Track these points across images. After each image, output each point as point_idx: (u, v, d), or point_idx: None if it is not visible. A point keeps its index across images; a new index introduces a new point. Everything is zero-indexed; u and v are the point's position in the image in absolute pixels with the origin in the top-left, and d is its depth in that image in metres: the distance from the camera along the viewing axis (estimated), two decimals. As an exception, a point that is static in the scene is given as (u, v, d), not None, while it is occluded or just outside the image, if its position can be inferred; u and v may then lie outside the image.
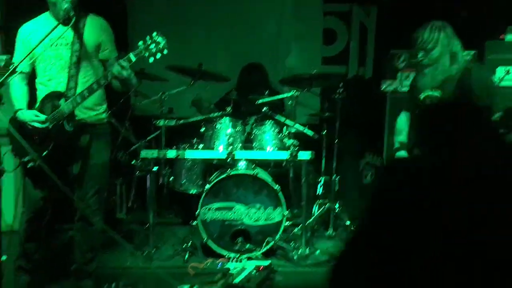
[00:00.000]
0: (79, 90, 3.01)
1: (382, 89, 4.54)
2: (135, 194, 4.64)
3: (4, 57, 4.40)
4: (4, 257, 3.37)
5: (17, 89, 3.08)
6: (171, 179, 4.54)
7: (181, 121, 4.25)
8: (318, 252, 4.10)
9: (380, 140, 4.64)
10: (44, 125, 2.94)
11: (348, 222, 4.61)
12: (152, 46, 2.89)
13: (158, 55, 2.92)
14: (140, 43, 2.92)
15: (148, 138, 4.32)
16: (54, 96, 2.99)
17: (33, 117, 2.96)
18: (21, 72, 3.06)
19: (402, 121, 3.37)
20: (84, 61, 3.04)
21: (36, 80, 3.11)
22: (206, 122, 4.30)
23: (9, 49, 4.50)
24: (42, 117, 2.95)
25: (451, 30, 3.01)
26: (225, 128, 4.14)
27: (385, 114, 4.56)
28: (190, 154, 4.06)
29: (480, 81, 2.93)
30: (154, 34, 2.91)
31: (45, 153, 2.92)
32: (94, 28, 3.09)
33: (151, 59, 2.93)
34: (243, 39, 5.68)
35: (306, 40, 5.78)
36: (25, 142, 2.72)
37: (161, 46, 2.91)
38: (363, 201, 5.95)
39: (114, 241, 4.11)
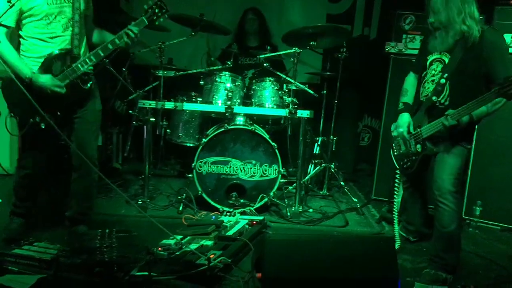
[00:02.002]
0: (82, 48, 3.04)
1: (386, 50, 4.44)
2: (132, 144, 4.62)
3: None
4: (-1, 200, 3.42)
5: (12, 50, 2.89)
6: (168, 131, 4.52)
7: (180, 73, 4.19)
8: (311, 210, 4.15)
9: (380, 103, 4.60)
10: (63, 91, 2.94)
11: (342, 183, 4.64)
12: (157, 10, 3.00)
13: (162, 19, 3.06)
14: (145, 6, 3.01)
15: (147, 88, 4.25)
16: (62, 55, 2.96)
17: (52, 82, 2.90)
18: (7, 27, 2.88)
19: (410, 82, 3.31)
20: (81, 18, 3.04)
21: (27, 35, 2.94)
22: (205, 75, 4.24)
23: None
24: (60, 83, 2.93)
25: None
26: (225, 82, 4.08)
27: (388, 76, 4.48)
28: (189, 106, 4.02)
29: (491, 44, 2.83)
30: None
31: (59, 113, 2.97)
32: None
33: (157, 22, 3.06)
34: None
35: (311, -4, 5.64)
36: (36, 105, 2.59)
37: (164, 10, 3.03)
38: (358, 163, 6.01)
39: (109, 189, 4.18)
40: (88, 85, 3.05)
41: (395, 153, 3.31)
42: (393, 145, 3.32)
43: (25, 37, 2.96)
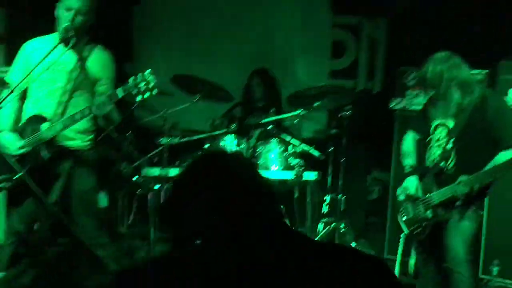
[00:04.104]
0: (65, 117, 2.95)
1: (390, 107, 4.43)
2: (137, 210, 4.57)
3: (6, 68, 4.36)
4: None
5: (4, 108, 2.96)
6: (174, 194, 4.46)
7: (185, 139, 4.18)
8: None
9: (387, 157, 4.54)
10: (18, 152, 2.87)
11: (353, 244, 4.51)
12: (142, 84, 2.76)
13: (147, 94, 2.78)
14: (131, 79, 2.78)
15: (150, 154, 4.24)
16: (37, 120, 2.92)
17: (9, 142, 2.90)
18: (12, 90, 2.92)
19: (409, 142, 3.29)
20: (79, 90, 2.97)
21: (26, 99, 3.04)
22: (210, 138, 4.22)
23: (11, 62, 4.47)
24: (18, 144, 2.88)
25: (456, 60, 2.86)
26: (230, 145, 4.06)
27: (393, 131, 4.45)
28: (193, 172, 3.97)
29: (495, 109, 2.82)
30: (147, 72, 2.78)
31: (16, 176, 2.81)
32: (98, 62, 3.03)
33: (139, 97, 2.80)
34: (249, 51, 5.56)
35: (314, 52, 5.67)
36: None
37: (150, 86, 2.76)
38: (368, 216, 5.88)
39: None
40: (46, 155, 2.86)
41: (404, 218, 3.22)
42: (401, 209, 3.24)
43: (25, 102, 3.04)
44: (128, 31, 5.67)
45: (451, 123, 2.93)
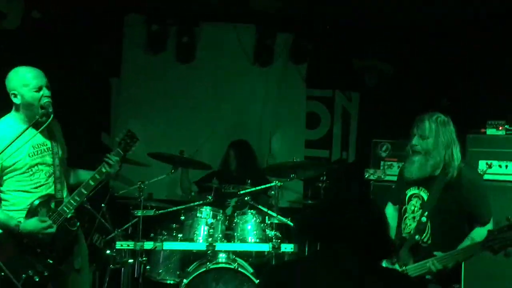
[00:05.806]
0: (65, 190, 3.02)
1: (365, 177, 4.51)
2: (108, 285, 4.39)
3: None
4: None
5: None
6: (147, 267, 4.32)
7: (160, 211, 4.13)
8: None
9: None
10: (53, 229, 2.85)
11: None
12: (129, 140, 3.02)
13: (134, 148, 3.07)
14: (117, 139, 3.05)
15: (125, 226, 4.16)
16: (45, 201, 2.91)
17: (40, 225, 2.82)
18: None
19: (390, 214, 3.15)
20: (61, 162, 3.04)
21: (10, 189, 2.90)
22: (186, 210, 4.18)
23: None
24: (48, 221, 2.85)
25: (453, 130, 2.90)
26: (206, 217, 4.02)
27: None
28: (169, 245, 3.91)
29: (470, 183, 2.85)
30: (127, 130, 3.05)
31: (50, 261, 2.85)
32: (59, 130, 3.14)
33: (130, 151, 3.08)
34: (226, 123, 5.65)
35: (289, 124, 5.77)
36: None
37: (135, 139, 3.05)
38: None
39: None
40: (76, 226, 2.98)
41: None
42: None
43: (7, 192, 2.90)
44: (105, 102, 5.72)
45: (425, 195, 2.93)
